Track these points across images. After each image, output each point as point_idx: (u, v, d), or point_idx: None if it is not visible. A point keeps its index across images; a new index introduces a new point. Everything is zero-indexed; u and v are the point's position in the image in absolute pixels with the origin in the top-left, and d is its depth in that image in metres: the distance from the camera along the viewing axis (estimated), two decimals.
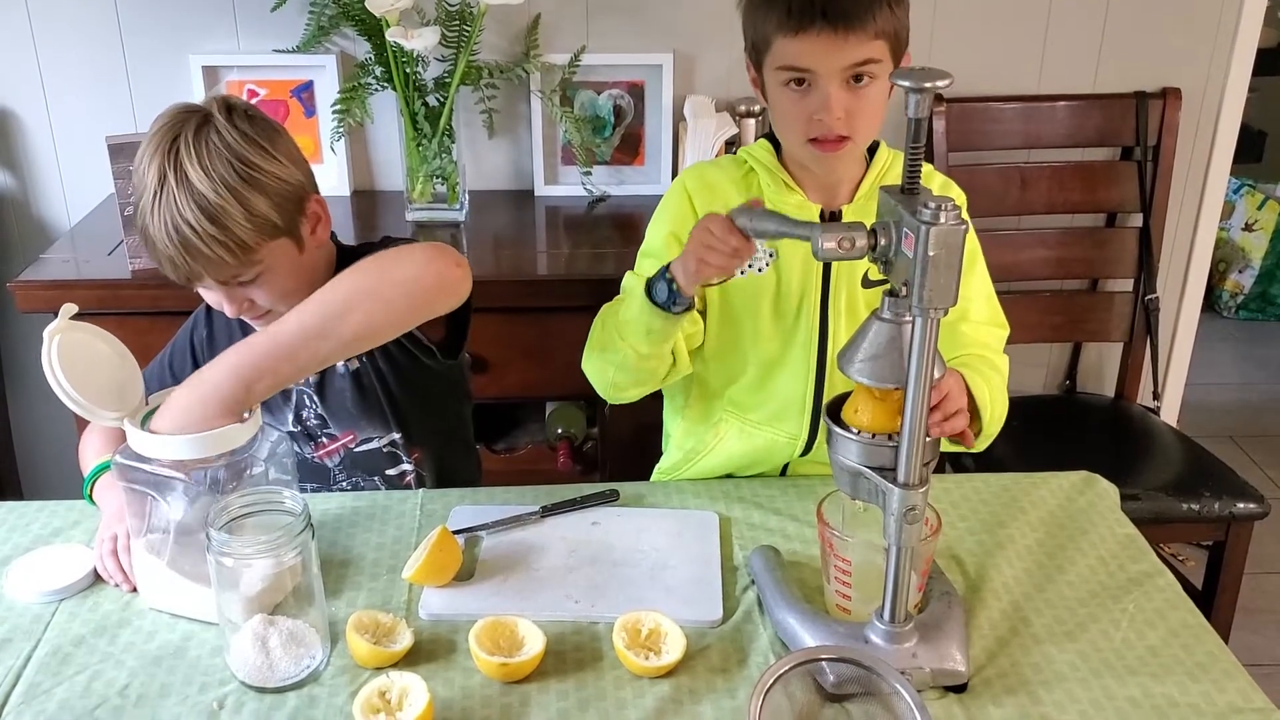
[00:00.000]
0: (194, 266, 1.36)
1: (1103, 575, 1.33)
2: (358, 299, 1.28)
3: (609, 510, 1.44)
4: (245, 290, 1.41)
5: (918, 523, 1.10)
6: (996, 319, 1.55)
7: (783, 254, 1.49)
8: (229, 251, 1.35)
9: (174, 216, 1.33)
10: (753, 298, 1.51)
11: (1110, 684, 1.16)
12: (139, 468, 1.20)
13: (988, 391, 1.36)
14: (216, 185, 1.33)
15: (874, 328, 1.10)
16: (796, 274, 1.50)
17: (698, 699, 1.14)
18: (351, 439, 1.58)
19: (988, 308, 1.54)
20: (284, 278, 1.42)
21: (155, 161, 1.34)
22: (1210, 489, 2.12)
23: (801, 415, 1.53)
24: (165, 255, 1.36)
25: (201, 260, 1.35)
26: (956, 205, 0.98)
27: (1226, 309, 4.14)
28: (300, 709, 1.13)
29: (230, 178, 1.34)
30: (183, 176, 1.33)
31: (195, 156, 1.34)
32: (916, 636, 1.15)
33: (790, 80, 1.39)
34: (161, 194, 1.34)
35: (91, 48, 2.34)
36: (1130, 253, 2.42)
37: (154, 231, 1.35)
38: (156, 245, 1.36)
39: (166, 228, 1.33)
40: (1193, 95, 2.41)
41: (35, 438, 2.63)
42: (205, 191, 1.33)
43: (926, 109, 1.01)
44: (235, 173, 1.34)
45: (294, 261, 1.43)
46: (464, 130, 2.35)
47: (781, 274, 1.50)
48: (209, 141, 1.35)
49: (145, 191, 1.35)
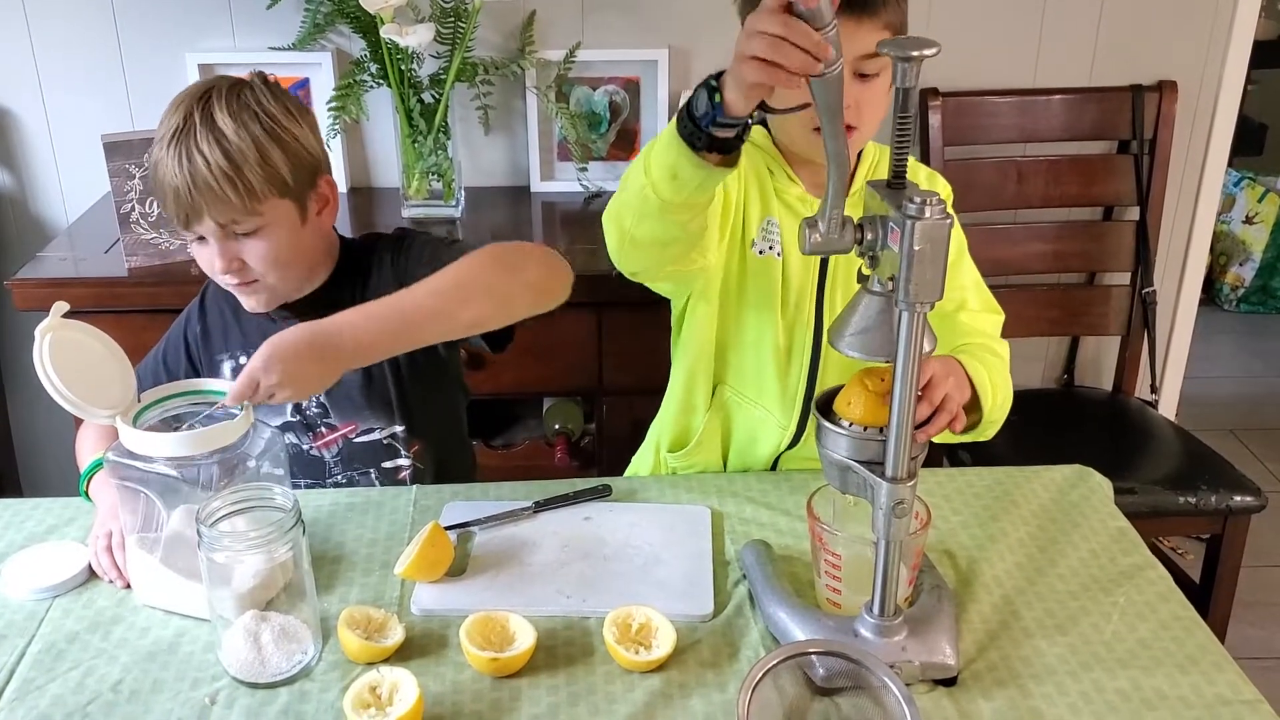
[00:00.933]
0: (197, 201, 1.38)
1: (1094, 568, 1.33)
2: (480, 290, 1.35)
3: (601, 505, 1.45)
4: (239, 245, 1.43)
5: (906, 516, 1.10)
6: (990, 305, 1.55)
7: (785, 246, 1.48)
8: (235, 192, 1.38)
9: (190, 149, 1.37)
10: (761, 278, 1.49)
11: (1100, 677, 1.16)
12: (131, 465, 1.21)
13: (988, 377, 1.35)
14: (239, 131, 1.39)
15: (864, 301, 1.09)
16: (795, 266, 1.49)
17: (688, 693, 1.14)
18: (352, 429, 1.58)
19: (980, 295, 1.54)
20: (280, 244, 1.44)
21: (182, 107, 1.40)
22: (1207, 482, 2.12)
23: (793, 406, 1.53)
24: (171, 187, 1.38)
25: (207, 195, 1.37)
26: (942, 200, 0.98)
27: (1227, 302, 4.14)
28: (291, 704, 1.13)
29: (254, 129, 1.40)
30: (208, 118, 1.39)
31: (225, 106, 1.40)
32: (906, 630, 1.15)
33: None
34: (183, 130, 1.38)
35: (88, 46, 2.34)
36: (1127, 246, 2.42)
37: (166, 164, 1.38)
38: (164, 178, 1.38)
39: (180, 159, 1.37)
40: (1189, 88, 2.40)
41: (34, 435, 2.64)
42: (227, 134, 1.39)
43: (915, 78, 0.99)
44: (260, 126, 1.40)
45: (294, 231, 1.46)
46: (460, 127, 2.35)
47: (788, 261, 1.49)
48: (242, 97, 1.41)
49: (165, 133, 1.39)
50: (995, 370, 1.38)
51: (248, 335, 1.57)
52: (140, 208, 2.00)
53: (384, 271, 1.54)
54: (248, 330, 1.57)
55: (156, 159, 1.40)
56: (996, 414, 1.39)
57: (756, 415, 1.55)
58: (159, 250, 2.03)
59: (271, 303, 1.50)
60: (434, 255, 1.47)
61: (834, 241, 1.05)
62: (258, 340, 1.53)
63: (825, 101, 0.99)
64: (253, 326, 1.56)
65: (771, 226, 1.48)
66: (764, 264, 1.49)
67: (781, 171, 1.47)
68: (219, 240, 1.42)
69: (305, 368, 1.26)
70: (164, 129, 1.40)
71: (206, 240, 1.43)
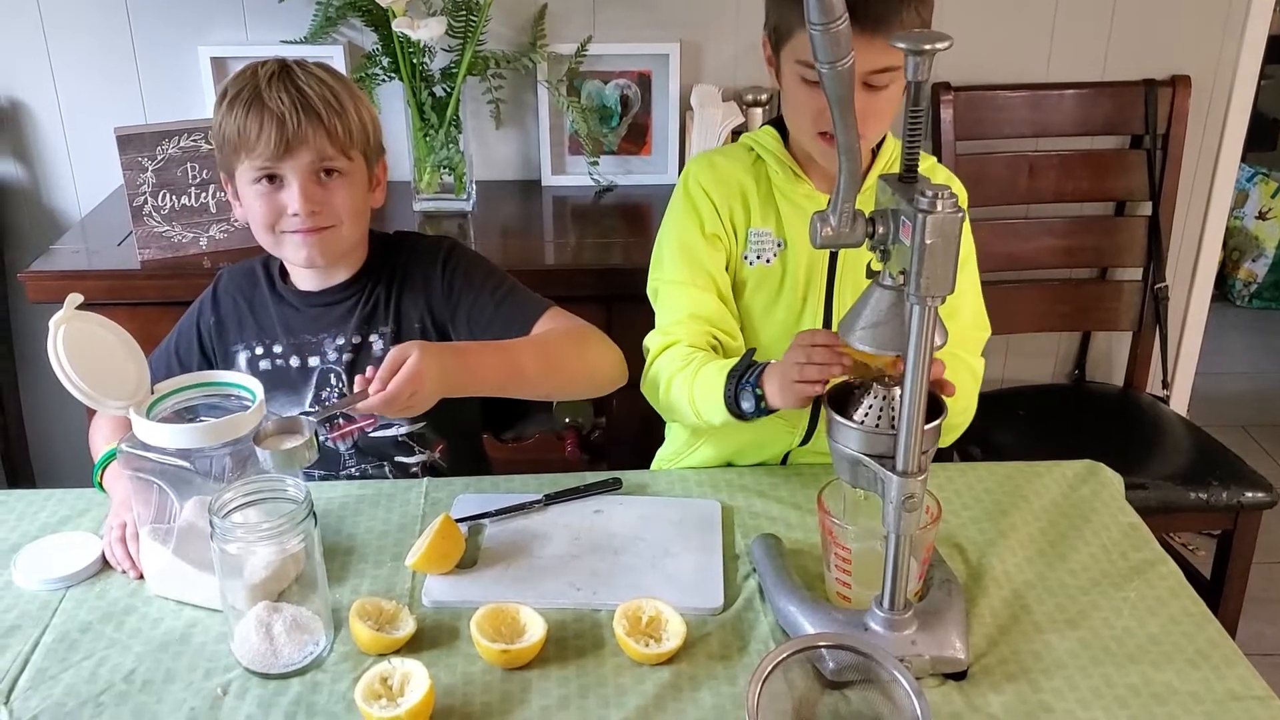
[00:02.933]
0: (303, 129, 1.42)
1: (1104, 563, 1.33)
2: (557, 369, 1.45)
3: (612, 499, 1.45)
4: (324, 190, 1.46)
5: (916, 510, 1.10)
6: (980, 321, 1.55)
7: (790, 243, 1.49)
8: (342, 124, 1.44)
9: (295, 83, 1.43)
10: (760, 287, 1.52)
11: (1110, 671, 1.16)
12: (145, 456, 1.21)
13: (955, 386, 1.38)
14: (338, 80, 1.48)
15: (875, 294, 1.09)
16: (803, 263, 1.50)
17: (697, 686, 1.15)
18: (371, 423, 1.57)
19: (974, 307, 1.55)
20: (352, 200, 1.49)
21: (267, 64, 1.45)
22: (1219, 478, 2.12)
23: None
24: (276, 116, 1.42)
25: (314, 122, 1.42)
26: (954, 193, 0.98)
27: (1240, 298, 4.13)
28: (303, 695, 1.14)
29: (342, 83, 1.49)
30: (301, 66, 1.46)
31: (309, 66, 1.48)
32: (916, 624, 1.15)
33: (809, 76, 1.37)
34: (280, 74, 1.44)
35: (101, 40, 2.35)
36: (1139, 241, 2.41)
37: (271, 99, 1.42)
38: (267, 109, 1.41)
39: (289, 90, 1.43)
40: (1203, 83, 2.39)
41: (48, 426, 2.65)
42: (326, 79, 1.46)
43: (926, 71, 0.99)
44: (345, 84, 1.49)
45: (362, 194, 1.51)
46: (471, 120, 2.36)
47: (788, 264, 1.50)
48: (316, 65, 1.49)
49: (260, 79, 1.43)
50: (963, 384, 1.41)
51: (263, 325, 1.58)
52: (153, 200, 2.00)
53: (433, 285, 1.55)
54: (263, 320, 1.58)
55: (244, 100, 1.43)
56: (957, 419, 1.42)
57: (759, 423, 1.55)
58: (171, 243, 2.04)
59: (332, 254, 1.51)
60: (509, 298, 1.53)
61: (845, 235, 1.06)
62: (275, 330, 1.55)
63: (836, 94, 0.99)
64: (269, 316, 1.57)
65: (760, 236, 1.50)
66: (758, 273, 1.51)
67: (787, 170, 1.48)
68: (304, 179, 1.45)
69: (436, 390, 1.31)
70: (249, 80, 1.44)
71: (282, 182, 1.45)
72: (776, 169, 1.50)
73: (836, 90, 0.98)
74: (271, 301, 1.58)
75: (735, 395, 1.34)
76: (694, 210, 1.52)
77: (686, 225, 1.52)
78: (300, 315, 1.57)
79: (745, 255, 1.52)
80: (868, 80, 1.35)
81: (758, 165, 1.52)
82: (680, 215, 1.53)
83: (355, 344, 1.55)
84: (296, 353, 1.56)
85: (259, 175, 1.46)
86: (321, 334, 1.56)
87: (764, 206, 1.51)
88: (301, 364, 1.56)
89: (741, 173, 1.52)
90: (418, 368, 1.26)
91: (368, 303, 1.56)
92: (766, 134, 1.52)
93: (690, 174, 1.54)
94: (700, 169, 1.54)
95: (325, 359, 1.56)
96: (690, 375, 1.41)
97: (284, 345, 1.57)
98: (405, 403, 1.27)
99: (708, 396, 1.38)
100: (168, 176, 2.00)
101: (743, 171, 1.52)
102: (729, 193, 1.51)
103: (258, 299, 1.59)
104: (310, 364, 1.56)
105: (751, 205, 1.51)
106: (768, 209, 1.51)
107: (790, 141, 1.50)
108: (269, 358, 1.57)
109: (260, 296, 1.59)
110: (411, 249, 1.59)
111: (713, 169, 1.53)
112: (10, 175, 2.47)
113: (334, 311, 1.56)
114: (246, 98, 1.43)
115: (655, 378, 1.49)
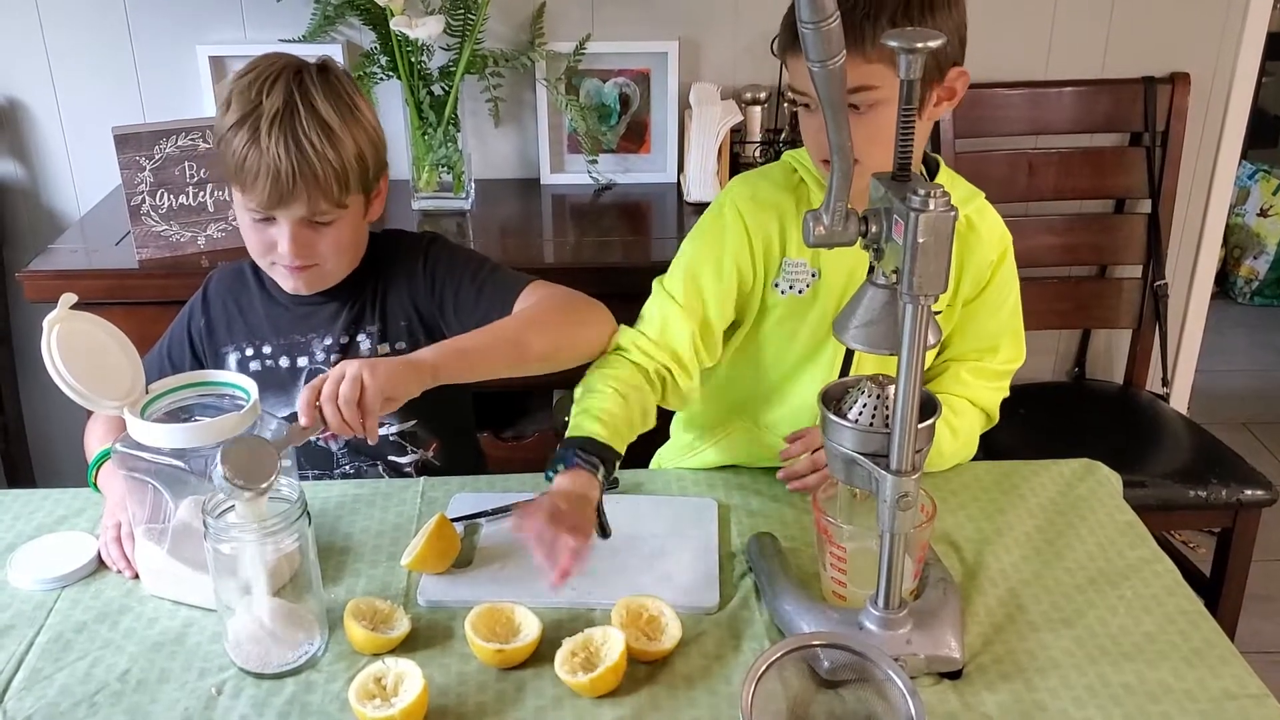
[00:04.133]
0: (297, 188, 1.40)
1: (1100, 561, 1.33)
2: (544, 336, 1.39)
3: (608, 497, 1.42)
4: (315, 234, 1.46)
5: (911, 509, 1.10)
6: (1017, 355, 1.55)
7: (824, 275, 1.46)
8: (337, 184, 1.42)
9: (297, 135, 1.39)
10: (788, 317, 1.48)
11: (1105, 670, 1.16)
12: (139, 456, 1.21)
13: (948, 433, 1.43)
14: (341, 124, 1.42)
15: (869, 294, 1.09)
16: (835, 296, 1.46)
17: (693, 684, 1.15)
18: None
19: (1013, 344, 1.54)
20: (349, 233, 1.49)
21: (279, 85, 1.41)
22: (1218, 476, 2.11)
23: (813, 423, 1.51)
24: (271, 170, 1.39)
25: (310, 184, 1.40)
26: (946, 192, 0.97)
27: (1241, 295, 4.12)
28: (298, 694, 1.14)
29: (347, 115, 1.44)
30: (309, 104, 1.41)
31: (322, 92, 1.42)
32: (911, 623, 1.15)
33: (804, 102, 1.36)
34: (285, 113, 1.40)
35: (99, 39, 2.35)
36: (1139, 239, 2.41)
37: (269, 147, 1.38)
38: (261, 159, 1.39)
39: (287, 142, 1.39)
40: (1202, 80, 2.39)
41: (47, 426, 2.66)
42: (333, 126, 1.42)
43: (918, 70, 0.99)
44: (353, 116, 1.44)
45: (359, 221, 1.51)
46: (470, 119, 2.36)
47: (820, 295, 1.46)
48: (331, 83, 1.44)
49: (264, 110, 1.39)
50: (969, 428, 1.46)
51: (252, 326, 1.58)
52: (151, 199, 2.01)
53: (416, 281, 1.55)
54: (252, 321, 1.58)
55: (245, 135, 1.39)
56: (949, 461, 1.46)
57: (770, 440, 1.53)
58: (169, 242, 2.04)
59: (318, 285, 1.52)
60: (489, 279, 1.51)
61: (838, 234, 1.05)
62: (264, 330, 1.55)
63: (827, 95, 0.99)
64: (258, 317, 1.58)
65: (794, 266, 1.46)
66: (788, 302, 1.47)
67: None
68: (296, 227, 1.44)
69: (396, 368, 1.24)
70: (254, 105, 1.40)
71: (274, 221, 1.44)
72: (816, 191, 1.44)
73: (828, 90, 0.98)
74: (260, 302, 1.58)
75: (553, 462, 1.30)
76: (720, 237, 1.45)
77: (705, 250, 1.46)
78: (289, 315, 1.57)
79: (776, 283, 1.47)
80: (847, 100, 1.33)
81: (800, 188, 1.46)
82: (705, 236, 1.48)
83: (343, 344, 1.55)
84: (286, 353, 1.57)
85: (255, 212, 1.45)
86: (310, 334, 1.56)
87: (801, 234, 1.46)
88: (291, 364, 1.56)
89: (783, 197, 1.45)
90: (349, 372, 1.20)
91: (355, 303, 1.56)
92: (806, 154, 1.47)
93: (730, 197, 1.48)
94: (741, 193, 1.47)
95: (314, 359, 1.56)
96: (580, 396, 1.38)
97: (273, 345, 1.57)
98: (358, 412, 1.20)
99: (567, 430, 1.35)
100: (165, 176, 2.00)
101: (784, 195, 1.46)
102: (766, 220, 1.45)
103: (246, 300, 1.59)
104: (299, 364, 1.56)
105: (789, 234, 1.45)
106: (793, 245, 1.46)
107: None
108: (259, 358, 1.57)
109: (249, 297, 1.59)
110: (394, 246, 1.59)
111: (754, 194, 1.46)
112: (9, 175, 2.47)
113: (322, 311, 1.56)
114: (247, 135, 1.39)
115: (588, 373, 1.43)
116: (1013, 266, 1.54)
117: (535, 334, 1.39)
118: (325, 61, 1.47)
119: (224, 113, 1.43)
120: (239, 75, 1.44)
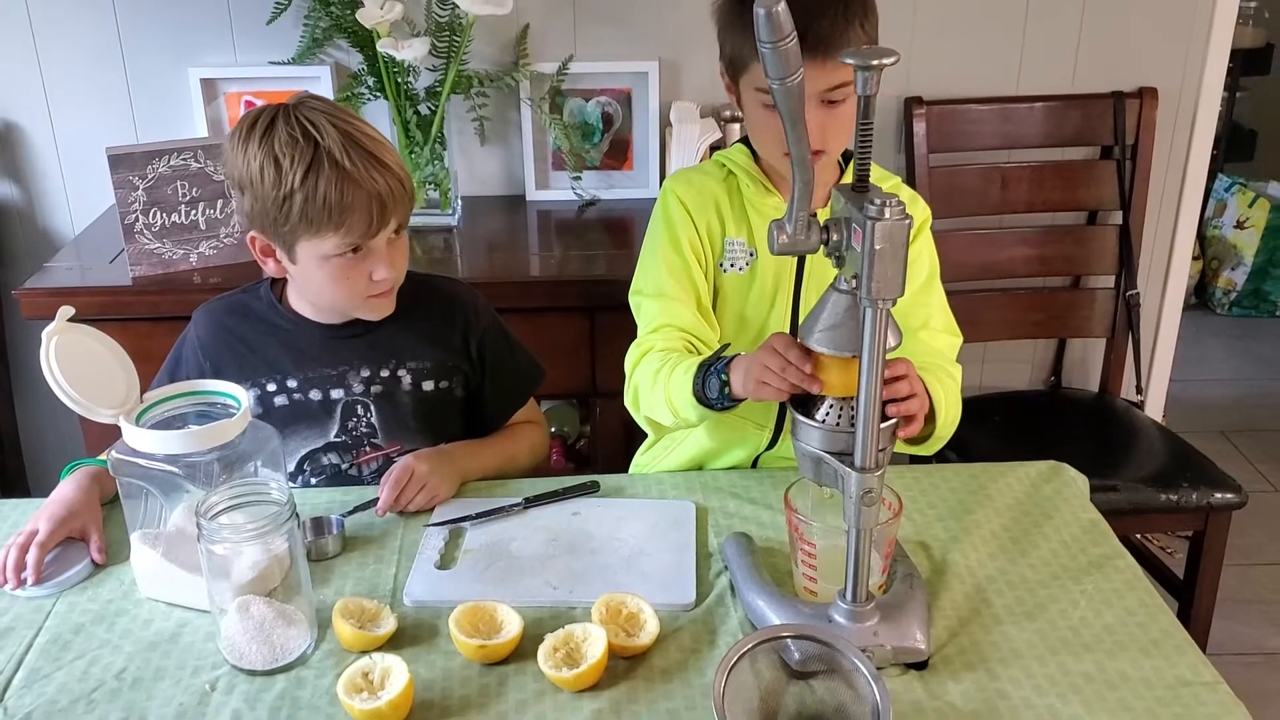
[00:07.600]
0: (398, 201, 1.44)
1: (1064, 558, 1.37)
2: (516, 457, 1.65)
3: (589, 501, 1.49)
4: (397, 250, 1.50)
5: (875, 505, 1.14)
6: (951, 328, 1.61)
7: (761, 253, 1.54)
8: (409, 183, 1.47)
9: (375, 155, 1.41)
10: (734, 294, 1.58)
11: (1066, 660, 1.21)
12: (135, 462, 1.25)
13: (943, 395, 1.41)
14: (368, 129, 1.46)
15: (832, 299, 1.14)
16: (771, 272, 1.55)
17: (669, 678, 1.19)
18: (397, 448, 1.59)
19: (944, 317, 1.60)
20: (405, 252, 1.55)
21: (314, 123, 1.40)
22: (1188, 480, 2.16)
23: (769, 407, 1.58)
24: (373, 193, 1.40)
25: (400, 196, 1.44)
26: (901, 201, 1.03)
27: (1220, 306, 4.18)
28: (288, 690, 1.18)
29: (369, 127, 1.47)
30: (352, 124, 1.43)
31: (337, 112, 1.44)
32: (878, 615, 1.20)
33: (768, 102, 1.42)
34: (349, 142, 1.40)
35: (92, 62, 2.40)
36: (1111, 250, 2.47)
37: (364, 175, 1.39)
38: (363, 186, 1.39)
39: (369, 164, 1.40)
40: (1169, 94, 2.45)
41: (41, 438, 2.70)
42: (375, 132, 1.45)
43: (875, 85, 1.05)
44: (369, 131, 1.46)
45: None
46: (456, 138, 2.41)
47: (758, 272, 1.55)
48: (323, 104, 1.45)
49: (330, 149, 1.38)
50: (949, 391, 1.46)
51: (270, 361, 1.56)
52: (144, 218, 2.05)
53: (467, 345, 1.62)
54: (270, 357, 1.57)
55: (331, 176, 1.38)
56: (945, 430, 1.45)
57: (729, 421, 1.58)
58: (162, 259, 2.09)
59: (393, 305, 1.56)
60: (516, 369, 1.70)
61: (801, 242, 1.11)
62: (285, 365, 1.55)
63: (787, 109, 1.04)
64: (275, 352, 1.56)
65: (734, 245, 1.57)
66: (732, 280, 1.57)
67: (758, 184, 1.54)
68: (389, 244, 1.47)
69: (443, 464, 1.49)
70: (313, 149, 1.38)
71: (362, 252, 1.45)
72: (747, 183, 1.55)
73: (787, 105, 1.04)
74: (274, 336, 1.57)
75: (703, 382, 1.39)
76: (672, 224, 1.57)
77: (665, 239, 1.57)
78: (313, 347, 1.56)
79: (721, 263, 1.58)
80: (826, 97, 1.41)
81: (730, 180, 1.58)
82: (660, 229, 1.59)
83: (383, 377, 1.57)
84: (317, 386, 1.56)
85: (347, 249, 1.44)
86: (342, 366, 1.56)
87: (737, 218, 1.57)
88: (324, 397, 1.57)
89: (716, 186, 1.58)
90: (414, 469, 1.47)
91: (395, 336, 1.57)
92: (738, 151, 1.58)
93: (668, 189, 1.60)
94: (677, 184, 1.60)
95: (350, 390, 1.56)
96: (665, 375, 1.46)
97: (299, 379, 1.56)
98: (421, 501, 1.46)
99: (680, 390, 1.42)
100: (158, 195, 2.04)
101: (716, 184, 1.58)
102: (704, 204, 1.57)
103: (255, 336, 1.57)
104: (334, 396, 1.57)
105: (726, 216, 1.57)
106: (740, 221, 1.57)
107: (761, 159, 1.55)
108: (284, 393, 1.56)
109: (257, 333, 1.57)
110: (440, 293, 1.64)
111: (689, 184, 1.59)
112: (5, 196, 2.52)
113: (355, 344, 1.57)
114: (334, 175, 1.38)
115: (635, 390, 1.53)
116: (929, 241, 1.61)
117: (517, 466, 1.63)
118: (308, 94, 1.47)
119: (274, 176, 1.39)
120: (255, 140, 1.41)
